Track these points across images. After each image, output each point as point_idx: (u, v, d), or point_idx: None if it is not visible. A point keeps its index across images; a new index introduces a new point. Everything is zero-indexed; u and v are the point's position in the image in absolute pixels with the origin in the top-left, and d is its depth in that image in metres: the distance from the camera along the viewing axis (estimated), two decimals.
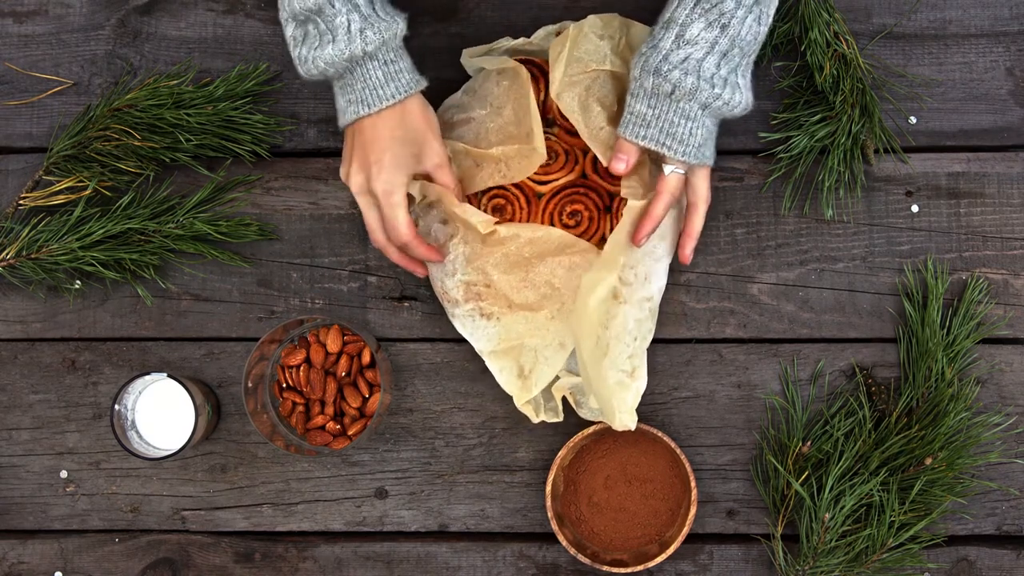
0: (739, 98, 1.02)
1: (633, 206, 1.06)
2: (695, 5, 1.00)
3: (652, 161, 1.11)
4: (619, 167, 1.06)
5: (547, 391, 1.13)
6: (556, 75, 1.08)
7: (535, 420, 1.12)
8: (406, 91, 1.04)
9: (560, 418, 1.12)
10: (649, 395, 1.17)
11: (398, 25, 1.03)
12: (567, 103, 1.09)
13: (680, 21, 1.00)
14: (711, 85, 1.00)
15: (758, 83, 1.13)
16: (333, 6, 1.00)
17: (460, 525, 1.18)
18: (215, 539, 1.18)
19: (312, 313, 1.19)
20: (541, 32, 1.14)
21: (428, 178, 1.10)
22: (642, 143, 1.03)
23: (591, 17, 1.10)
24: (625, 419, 1.08)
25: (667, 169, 1.04)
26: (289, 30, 1.04)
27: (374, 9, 1.02)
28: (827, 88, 1.15)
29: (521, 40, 1.14)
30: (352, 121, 1.05)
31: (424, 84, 1.06)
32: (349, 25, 1.01)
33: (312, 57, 1.02)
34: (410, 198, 1.11)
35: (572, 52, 1.09)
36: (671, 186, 1.05)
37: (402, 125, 1.05)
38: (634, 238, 1.06)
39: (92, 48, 1.22)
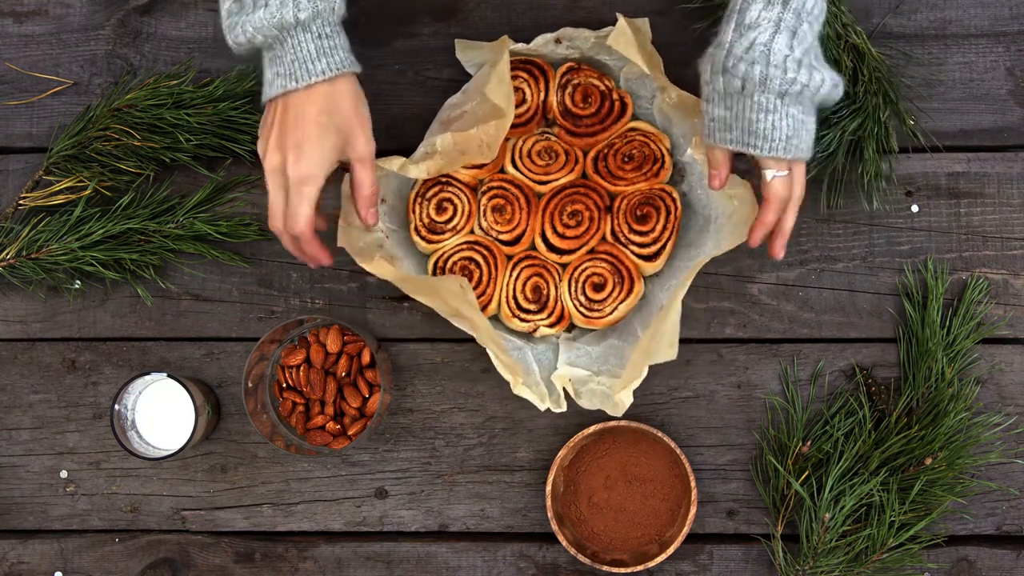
0: (819, 78, 0.95)
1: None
2: None
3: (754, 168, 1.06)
4: (714, 183, 1.02)
5: (550, 383, 1.13)
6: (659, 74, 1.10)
7: (542, 407, 1.11)
8: (339, 68, 0.95)
9: (563, 408, 1.11)
10: (649, 395, 1.17)
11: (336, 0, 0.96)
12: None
13: (738, 8, 0.95)
14: (783, 71, 0.93)
15: None
16: None
17: (460, 525, 1.18)
18: (215, 539, 1.18)
19: (312, 313, 1.19)
20: (540, 40, 1.14)
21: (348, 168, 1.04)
22: (729, 147, 0.98)
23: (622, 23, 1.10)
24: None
25: (768, 174, 0.99)
26: (226, 3, 0.98)
27: None
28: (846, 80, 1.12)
29: (520, 45, 1.14)
30: (278, 95, 0.97)
31: (359, 69, 0.98)
32: None
33: (241, 21, 0.95)
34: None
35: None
36: (777, 191, 1.00)
37: (329, 110, 0.96)
38: (750, 241, 1.04)
39: (92, 48, 1.21)
